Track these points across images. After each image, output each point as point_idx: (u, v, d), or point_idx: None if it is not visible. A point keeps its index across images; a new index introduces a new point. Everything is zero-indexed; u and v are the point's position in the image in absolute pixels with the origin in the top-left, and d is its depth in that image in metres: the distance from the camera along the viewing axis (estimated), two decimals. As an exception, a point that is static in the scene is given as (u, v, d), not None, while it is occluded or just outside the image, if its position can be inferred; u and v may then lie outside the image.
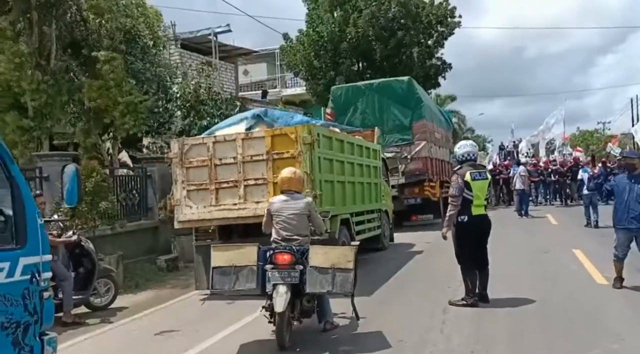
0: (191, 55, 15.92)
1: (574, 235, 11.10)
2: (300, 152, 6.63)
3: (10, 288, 2.84)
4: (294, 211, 4.96)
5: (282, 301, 4.53)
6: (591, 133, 44.95)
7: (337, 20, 19.15)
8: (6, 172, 2.97)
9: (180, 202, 7.08)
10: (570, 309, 5.52)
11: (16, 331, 2.86)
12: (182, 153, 7.08)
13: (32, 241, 2.99)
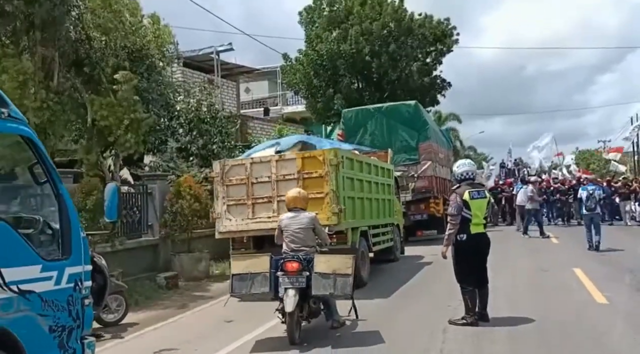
0: (193, 74, 16.14)
1: (575, 254, 11.09)
2: (328, 172, 7.59)
3: (57, 294, 3.15)
4: (299, 226, 5.70)
5: (292, 302, 5.25)
6: (591, 152, 44.94)
7: (336, 38, 19.46)
8: (55, 191, 3.29)
9: (221, 215, 8.04)
10: (570, 328, 5.50)
11: (62, 334, 3.15)
12: (223, 173, 8.11)
13: (76, 252, 3.33)
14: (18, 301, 2.91)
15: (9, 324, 2.83)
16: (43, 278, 3.07)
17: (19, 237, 3.01)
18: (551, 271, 9.19)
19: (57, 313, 3.13)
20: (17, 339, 2.86)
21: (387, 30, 19.72)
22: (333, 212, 7.52)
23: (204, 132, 13.97)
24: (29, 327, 2.96)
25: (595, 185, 12.09)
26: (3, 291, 2.83)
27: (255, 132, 16.35)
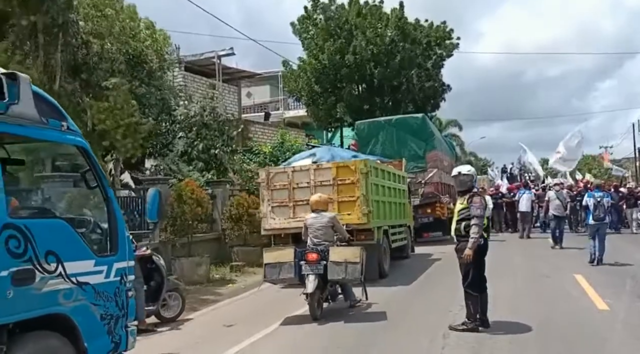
0: (195, 78, 16.04)
1: (576, 260, 10.87)
2: (358, 179, 8.87)
3: (106, 286, 3.54)
4: (320, 225, 6.91)
5: (312, 285, 6.46)
6: (594, 157, 44.56)
7: (337, 48, 19.40)
8: (104, 195, 3.67)
9: (266, 215, 9.31)
10: (570, 334, 5.43)
11: (110, 322, 3.55)
12: (268, 179, 9.35)
13: (122, 249, 3.72)
14: (76, 292, 3.28)
15: (69, 311, 3.21)
16: (96, 271, 3.45)
17: (77, 236, 3.38)
18: (552, 277, 9.05)
19: (107, 303, 3.52)
20: (75, 325, 3.23)
21: (390, 38, 19.64)
22: (363, 213, 8.83)
23: (205, 136, 13.85)
24: (85, 314, 3.34)
25: (603, 191, 10.80)
26: (65, 282, 3.18)
27: (256, 136, 16.23)
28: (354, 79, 20.39)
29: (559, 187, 14.10)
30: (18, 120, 2.90)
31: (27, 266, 2.89)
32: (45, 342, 3.04)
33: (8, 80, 2.83)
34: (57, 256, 3.08)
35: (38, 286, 2.95)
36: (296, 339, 5.84)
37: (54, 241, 3.10)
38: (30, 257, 2.91)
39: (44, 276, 2.99)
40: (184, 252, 10.81)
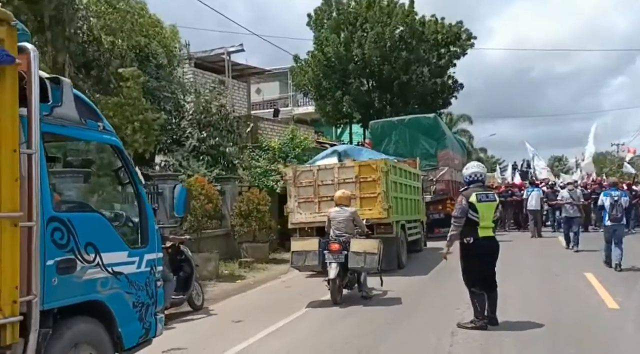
0: (204, 74, 16.29)
1: (586, 258, 11.00)
2: (379, 177, 9.81)
3: (138, 276, 3.83)
4: (342, 218, 7.75)
5: (333, 272, 7.34)
6: (605, 155, 44.37)
7: (343, 41, 19.57)
8: (135, 191, 4.00)
9: (293, 210, 10.29)
10: (580, 333, 5.48)
11: (141, 309, 3.84)
12: (295, 177, 10.32)
13: (151, 241, 4.04)
14: (112, 280, 3.57)
15: (106, 298, 3.50)
16: (129, 262, 3.74)
17: (112, 229, 3.67)
18: (562, 275, 9.16)
19: (138, 291, 3.82)
20: (111, 311, 3.52)
21: (399, 35, 19.78)
22: (384, 208, 9.79)
23: (213, 132, 14.10)
24: (119, 302, 3.63)
25: (619, 190, 10.06)
26: (102, 271, 3.47)
27: (265, 132, 16.46)
28: (362, 75, 20.54)
29: (573, 186, 13.53)
30: (61, 121, 3.18)
31: (70, 256, 3.18)
32: (85, 327, 3.33)
33: (52, 84, 3.10)
34: (95, 247, 3.38)
35: (79, 274, 3.24)
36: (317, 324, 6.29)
37: (93, 233, 3.39)
38: (72, 248, 3.20)
39: (84, 265, 3.28)
40: (193, 248, 11.05)
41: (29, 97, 2.79)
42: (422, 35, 20.62)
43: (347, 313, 7.03)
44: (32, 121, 2.79)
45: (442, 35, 21.30)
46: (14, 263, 2.67)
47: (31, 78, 2.79)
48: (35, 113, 2.81)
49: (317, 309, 7.33)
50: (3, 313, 2.61)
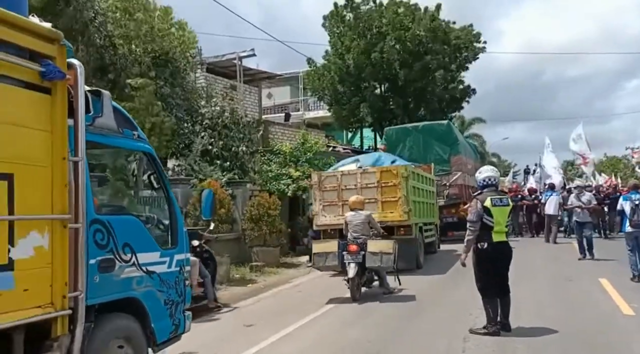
0: (216, 79, 16.67)
1: (600, 263, 11.03)
2: (400, 182, 10.62)
3: (169, 276, 4.14)
4: (358, 221, 8.48)
5: (352, 271, 8.05)
6: (619, 159, 44.17)
7: (363, 48, 19.87)
8: (166, 195, 4.36)
9: (318, 213, 11.14)
10: (594, 340, 5.50)
11: (172, 307, 4.15)
12: (320, 181, 11.18)
13: (180, 243, 4.36)
14: (146, 279, 3.89)
15: (141, 295, 3.83)
16: (161, 262, 4.06)
17: (146, 231, 4.02)
18: (576, 280, 9.15)
19: (169, 290, 4.13)
20: (145, 308, 3.85)
21: (419, 39, 20.08)
22: (404, 211, 10.57)
23: (226, 137, 14.43)
24: (152, 299, 3.94)
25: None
26: (137, 270, 3.79)
27: (276, 137, 16.77)
28: (378, 78, 20.81)
29: (578, 190, 13.20)
30: (101, 130, 3.50)
31: (109, 255, 3.50)
32: (122, 322, 3.65)
33: (93, 96, 3.41)
34: (132, 247, 3.69)
35: (117, 273, 3.56)
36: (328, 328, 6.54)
37: (129, 234, 3.70)
38: (112, 248, 3.52)
39: (122, 264, 3.60)
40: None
41: (76, 109, 3.10)
42: (443, 40, 20.88)
43: (360, 314, 7.24)
44: (78, 131, 3.11)
45: (460, 40, 21.56)
46: (64, 261, 2.97)
47: (78, 92, 3.10)
48: (81, 124, 3.13)
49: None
50: (54, 307, 2.91)
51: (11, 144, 2.74)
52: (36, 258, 2.84)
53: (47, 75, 2.87)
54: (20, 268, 2.75)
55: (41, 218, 2.88)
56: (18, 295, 2.74)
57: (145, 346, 3.83)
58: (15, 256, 2.73)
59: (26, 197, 2.79)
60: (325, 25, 21.61)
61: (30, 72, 2.85)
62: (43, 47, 2.92)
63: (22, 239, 2.76)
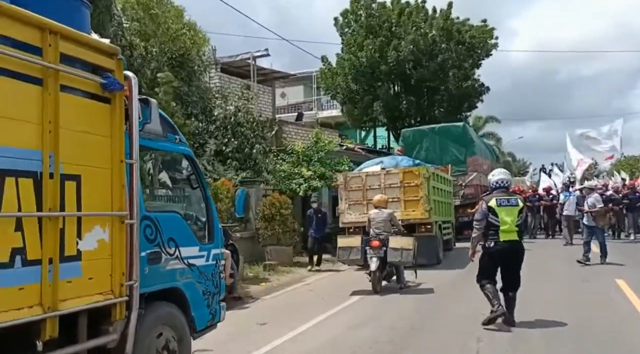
0: (230, 79, 17.11)
1: (617, 264, 11.16)
2: (422, 182, 11.68)
3: (206, 268, 4.58)
4: (381, 219, 9.31)
5: (374, 265, 8.91)
6: (637, 159, 44.03)
7: (377, 46, 20.24)
8: (203, 194, 4.78)
9: (344, 211, 12.28)
10: (610, 341, 5.59)
11: (209, 297, 4.60)
12: (346, 182, 12.33)
13: (216, 238, 4.80)
14: (187, 271, 4.31)
15: (183, 286, 4.25)
16: (199, 255, 4.48)
17: (187, 227, 4.44)
18: (592, 281, 9.30)
19: (207, 281, 4.56)
20: (186, 297, 4.28)
21: (432, 39, 20.43)
22: (425, 210, 11.62)
23: (241, 136, 14.85)
24: (192, 290, 4.37)
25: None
26: (180, 263, 4.22)
27: (290, 136, 17.17)
28: (391, 78, 21.16)
29: (586, 192, 12.70)
30: (149, 135, 3.93)
31: (157, 249, 3.94)
32: (167, 310, 4.09)
33: (142, 104, 3.84)
34: (175, 242, 4.13)
35: (163, 265, 4.00)
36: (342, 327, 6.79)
37: (173, 230, 4.13)
38: (159, 242, 3.96)
39: (167, 257, 4.04)
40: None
41: (130, 116, 3.54)
42: (458, 38, 21.19)
43: (372, 315, 7.44)
44: (132, 136, 3.55)
45: (475, 39, 21.87)
46: (121, 253, 3.41)
47: (132, 101, 3.54)
48: (135, 130, 3.57)
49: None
50: (114, 294, 3.35)
51: (79, 148, 3.18)
52: (99, 250, 3.28)
53: (108, 87, 3.31)
54: (86, 259, 3.19)
55: (103, 215, 3.32)
56: (84, 283, 3.18)
57: (188, 333, 4.28)
58: (82, 248, 3.17)
59: (91, 196, 3.23)
60: (338, 26, 22.00)
61: (93, 85, 3.29)
62: (104, 61, 3.36)
63: (87, 233, 3.21)
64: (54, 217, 2.97)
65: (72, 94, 3.15)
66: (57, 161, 2.99)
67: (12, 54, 2.81)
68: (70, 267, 3.08)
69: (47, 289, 2.92)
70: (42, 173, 2.93)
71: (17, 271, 2.79)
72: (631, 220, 17.30)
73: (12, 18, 2.83)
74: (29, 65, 2.91)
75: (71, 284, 3.08)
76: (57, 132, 2.99)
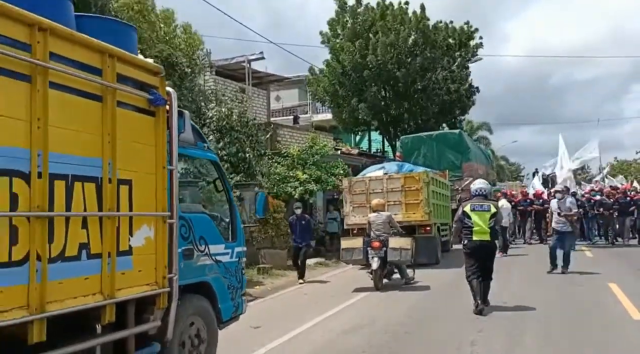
0: (225, 82, 17.68)
1: (610, 268, 11.66)
2: (422, 187, 13.02)
3: (231, 265, 5.28)
4: (380, 221, 10.37)
5: (375, 264, 9.95)
6: (630, 163, 45.37)
7: (358, 49, 21.07)
8: (227, 197, 5.53)
9: (349, 214, 13.65)
10: (603, 345, 5.84)
11: (233, 291, 5.30)
12: (350, 186, 13.74)
13: (239, 237, 5.53)
14: (215, 267, 4.98)
15: (211, 280, 4.93)
16: (225, 253, 5.17)
17: (215, 226, 5.11)
18: (585, 285, 9.68)
19: (231, 277, 5.26)
20: (214, 291, 4.96)
21: (413, 41, 21.32)
22: (425, 212, 12.93)
23: (235, 139, 15.38)
24: (219, 284, 5.05)
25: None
26: (209, 259, 4.89)
27: (285, 140, 17.77)
28: (377, 81, 21.95)
29: (561, 194, 12.07)
30: (183, 143, 4.53)
31: (190, 246, 4.57)
32: (198, 302, 4.72)
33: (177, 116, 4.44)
34: (205, 240, 4.77)
35: (195, 260, 4.63)
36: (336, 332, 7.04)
37: (203, 229, 4.78)
38: (192, 240, 4.59)
39: (198, 253, 4.67)
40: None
41: (171, 128, 4.15)
42: (434, 41, 22.11)
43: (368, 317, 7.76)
44: (173, 144, 4.16)
45: (454, 39, 22.86)
46: (164, 249, 4.01)
47: (172, 114, 4.14)
48: (175, 139, 4.18)
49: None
50: (158, 285, 3.94)
51: (130, 156, 3.78)
52: (146, 246, 3.88)
53: (154, 102, 3.91)
54: (136, 253, 3.79)
55: (150, 215, 3.92)
56: (135, 275, 3.78)
57: (215, 323, 4.93)
58: (133, 244, 3.77)
59: (139, 198, 3.83)
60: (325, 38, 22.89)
61: (141, 100, 3.90)
62: (150, 79, 3.97)
63: (137, 231, 3.81)
64: (112, 216, 3.56)
65: (125, 109, 3.75)
66: (115, 168, 3.59)
67: (79, 76, 3.40)
68: (123, 260, 3.67)
69: (106, 279, 3.51)
70: (103, 178, 3.52)
71: (83, 263, 3.38)
72: (622, 225, 17.84)
73: (77, 43, 3.43)
74: (92, 84, 3.50)
75: (124, 276, 3.67)
76: (114, 142, 3.59)
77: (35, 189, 3.04)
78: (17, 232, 2.94)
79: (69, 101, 3.32)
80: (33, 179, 3.03)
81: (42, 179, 3.08)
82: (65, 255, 3.23)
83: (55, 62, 3.20)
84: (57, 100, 3.20)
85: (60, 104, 3.24)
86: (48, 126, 3.11)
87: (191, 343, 4.62)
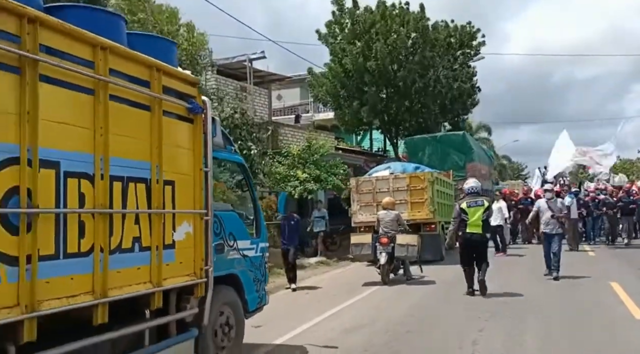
0: (226, 81, 18.21)
1: (611, 267, 12.06)
2: (427, 186, 14.10)
3: (256, 259, 5.95)
4: (389, 219, 11.26)
5: (383, 259, 10.88)
6: (632, 162, 46.17)
7: (360, 51, 21.71)
8: (252, 196, 6.30)
9: (356, 212, 14.71)
10: (605, 345, 5.97)
11: (257, 284, 5.98)
12: (357, 185, 14.80)
13: (263, 233, 6.25)
14: (242, 260, 5.65)
15: (239, 273, 5.61)
16: (250, 248, 5.83)
17: (242, 223, 5.80)
18: (586, 285, 9.99)
19: (256, 270, 5.92)
20: (241, 283, 5.64)
21: (412, 41, 21.94)
22: (430, 211, 14.01)
23: (237, 138, 15.91)
24: (246, 277, 5.73)
25: None
26: (237, 253, 5.57)
27: (286, 139, 18.29)
28: (378, 83, 22.56)
29: (551, 193, 11.76)
30: (215, 147, 5.10)
31: (221, 241, 5.18)
32: (227, 292, 5.34)
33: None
34: (234, 235, 5.40)
35: (225, 254, 5.26)
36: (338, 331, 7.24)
37: (232, 225, 5.39)
38: (222, 236, 5.21)
39: (228, 248, 5.31)
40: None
41: (206, 133, 4.73)
42: (434, 41, 22.73)
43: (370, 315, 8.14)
44: (207, 149, 4.73)
45: (455, 38, 23.49)
46: (201, 243, 4.59)
47: (207, 121, 4.73)
48: (209, 143, 4.76)
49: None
50: (197, 276, 4.53)
51: (173, 160, 4.36)
52: (186, 240, 4.46)
53: (192, 111, 4.49)
54: (178, 247, 4.37)
55: (190, 212, 4.51)
56: (177, 266, 4.36)
57: (242, 312, 5.56)
58: (176, 238, 4.35)
59: (181, 197, 4.41)
60: (322, 38, 23.37)
61: (182, 109, 4.48)
62: (189, 89, 4.56)
63: (179, 227, 4.39)
64: (159, 213, 4.14)
65: (169, 117, 4.33)
66: (161, 170, 4.16)
67: (130, 87, 3.96)
68: (168, 253, 4.25)
69: (155, 270, 4.09)
70: (151, 179, 4.09)
71: (136, 255, 3.95)
72: (625, 224, 18.24)
73: (131, 60, 3.99)
74: (142, 96, 4.07)
75: (169, 267, 4.25)
76: (160, 147, 4.17)
77: (99, 189, 3.61)
78: (84, 227, 3.50)
79: (125, 111, 3.89)
80: (97, 180, 3.60)
81: (104, 180, 3.65)
82: (122, 247, 3.80)
83: (114, 77, 3.76)
84: (115, 110, 3.77)
85: (118, 114, 3.81)
86: (109, 134, 3.68)
87: (222, 330, 5.22)
